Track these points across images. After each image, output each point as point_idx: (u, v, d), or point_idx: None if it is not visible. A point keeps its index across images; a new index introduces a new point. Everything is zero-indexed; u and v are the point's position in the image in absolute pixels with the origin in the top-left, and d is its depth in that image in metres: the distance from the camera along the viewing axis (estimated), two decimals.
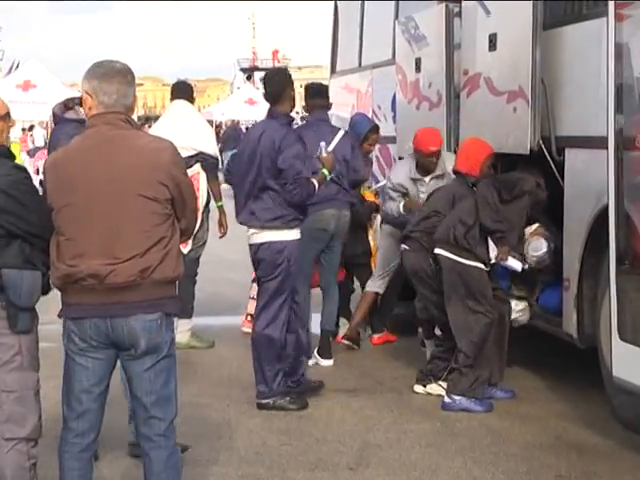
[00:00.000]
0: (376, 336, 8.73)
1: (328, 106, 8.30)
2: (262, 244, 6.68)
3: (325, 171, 6.89)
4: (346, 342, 8.55)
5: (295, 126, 7.44)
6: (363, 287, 8.72)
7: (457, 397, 6.73)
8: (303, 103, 8.25)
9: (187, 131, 8.30)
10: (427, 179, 7.84)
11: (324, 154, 6.95)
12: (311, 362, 7.86)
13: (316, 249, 7.80)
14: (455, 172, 7.21)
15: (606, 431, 6.18)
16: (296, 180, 6.57)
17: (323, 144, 7.03)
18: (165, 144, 4.25)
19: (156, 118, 13.23)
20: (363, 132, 8.63)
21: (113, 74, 4.15)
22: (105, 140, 4.11)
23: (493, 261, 6.85)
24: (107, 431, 4.69)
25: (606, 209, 5.73)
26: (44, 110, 31.97)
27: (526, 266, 7.01)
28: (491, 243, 6.85)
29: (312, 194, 6.72)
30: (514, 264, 6.95)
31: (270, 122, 6.82)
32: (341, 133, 7.84)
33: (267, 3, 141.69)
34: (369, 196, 8.85)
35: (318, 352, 8.02)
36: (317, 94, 8.19)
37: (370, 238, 8.93)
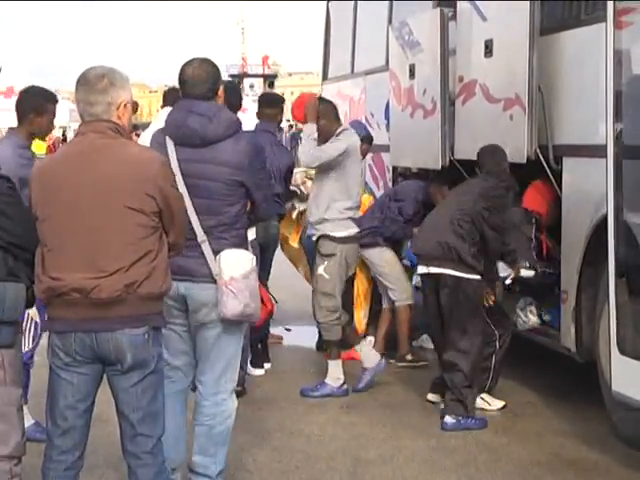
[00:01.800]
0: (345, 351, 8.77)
1: (277, 117, 8.47)
2: None
3: None
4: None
5: None
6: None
7: (457, 417, 6.73)
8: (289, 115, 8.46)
9: None
10: None
11: None
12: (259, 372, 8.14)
13: None
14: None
15: (605, 448, 6.18)
16: None
17: None
18: (154, 155, 4.25)
19: (144, 125, 13.21)
20: None
21: (82, 83, 4.16)
22: (92, 149, 4.11)
23: (509, 282, 6.89)
24: (93, 448, 4.68)
25: (605, 219, 5.74)
26: None
27: (532, 273, 7.05)
28: (501, 264, 6.90)
29: None
30: (527, 273, 7.01)
31: None
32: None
33: (257, 8, 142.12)
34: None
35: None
36: (267, 104, 8.42)
37: None
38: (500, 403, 7.10)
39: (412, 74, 8.89)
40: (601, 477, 5.82)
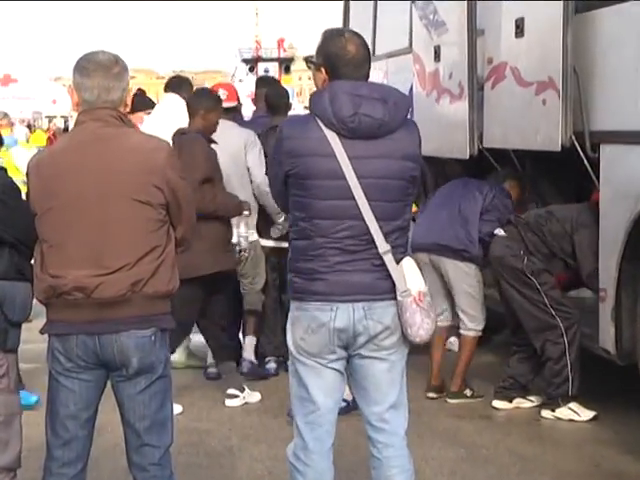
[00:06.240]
0: None
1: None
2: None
3: None
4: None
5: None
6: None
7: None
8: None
9: (177, 126, 8.31)
10: None
11: None
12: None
13: None
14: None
15: None
16: None
17: None
18: (161, 144, 4.24)
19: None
20: None
21: (94, 68, 4.14)
22: (94, 138, 4.10)
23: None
24: (96, 460, 4.67)
25: None
26: (26, 106, 32.11)
27: None
28: None
29: None
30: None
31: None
32: None
33: None
34: None
35: None
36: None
37: None
38: (591, 413, 7.01)
39: (437, 56, 8.86)
40: None
